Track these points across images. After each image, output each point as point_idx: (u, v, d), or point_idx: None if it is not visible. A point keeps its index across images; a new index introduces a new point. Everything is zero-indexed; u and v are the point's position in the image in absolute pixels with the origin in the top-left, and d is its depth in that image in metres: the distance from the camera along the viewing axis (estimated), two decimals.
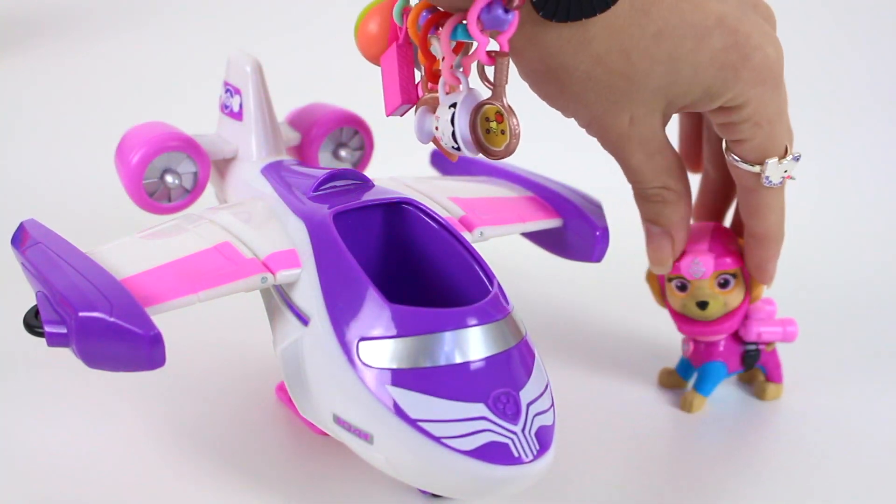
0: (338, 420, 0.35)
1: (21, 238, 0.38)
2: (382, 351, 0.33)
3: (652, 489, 0.41)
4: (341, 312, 0.35)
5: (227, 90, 0.49)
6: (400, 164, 0.54)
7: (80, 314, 0.33)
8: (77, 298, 0.33)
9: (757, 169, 0.39)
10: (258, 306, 0.42)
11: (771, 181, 0.40)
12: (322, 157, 0.52)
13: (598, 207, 0.47)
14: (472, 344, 0.34)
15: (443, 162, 0.54)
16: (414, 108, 0.37)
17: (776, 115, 0.39)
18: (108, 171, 0.50)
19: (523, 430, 0.33)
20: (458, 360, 0.33)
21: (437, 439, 0.32)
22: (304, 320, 0.36)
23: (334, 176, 0.42)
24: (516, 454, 0.32)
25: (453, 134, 0.35)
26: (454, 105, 0.35)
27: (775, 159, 0.39)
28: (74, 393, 0.46)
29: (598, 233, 0.45)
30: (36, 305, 0.35)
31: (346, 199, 0.40)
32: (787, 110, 0.39)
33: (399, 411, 0.33)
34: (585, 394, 0.48)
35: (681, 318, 0.44)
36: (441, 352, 0.33)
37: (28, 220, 0.39)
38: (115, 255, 0.38)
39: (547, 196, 0.48)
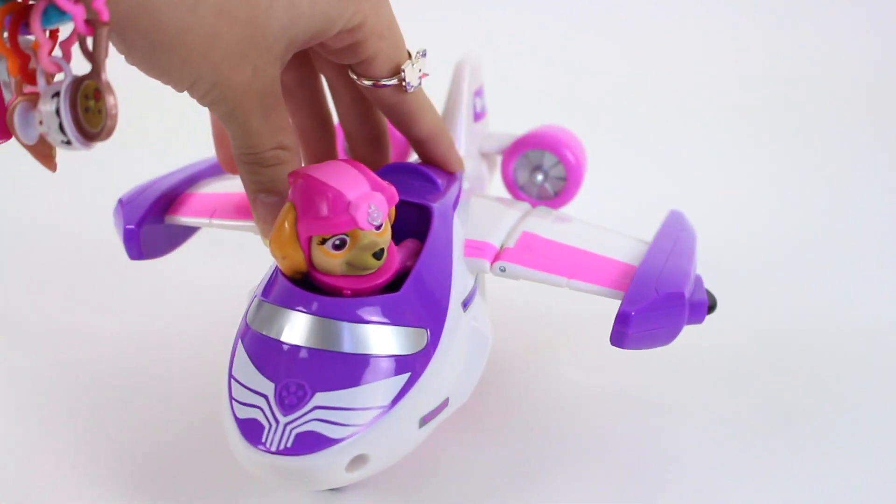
0: None
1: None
2: (252, 309, 0.36)
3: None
4: (273, 276, 0.37)
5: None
6: None
7: (121, 198, 0.46)
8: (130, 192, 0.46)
9: (395, 80, 0.39)
10: None
11: (412, 85, 0.40)
12: (520, 175, 0.50)
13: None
14: (304, 330, 0.34)
15: None
16: (9, 112, 0.33)
17: (391, 20, 0.39)
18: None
19: (288, 424, 0.33)
20: (284, 338, 0.34)
21: (231, 398, 0.34)
22: None
23: (394, 168, 0.43)
24: (263, 439, 0.33)
25: (60, 126, 0.30)
26: (57, 95, 0.30)
27: (409, 62, 0.39)
28: (74, 392, 0.46)
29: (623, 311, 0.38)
30: None
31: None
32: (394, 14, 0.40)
33: (230, 365, 0.35)
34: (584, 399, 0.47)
35: (345, 281, 0.35)
36: (276, 324, 0.35)
37: None
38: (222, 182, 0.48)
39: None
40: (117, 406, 0.45)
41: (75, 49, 0.31)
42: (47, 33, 0.30)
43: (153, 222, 0.45)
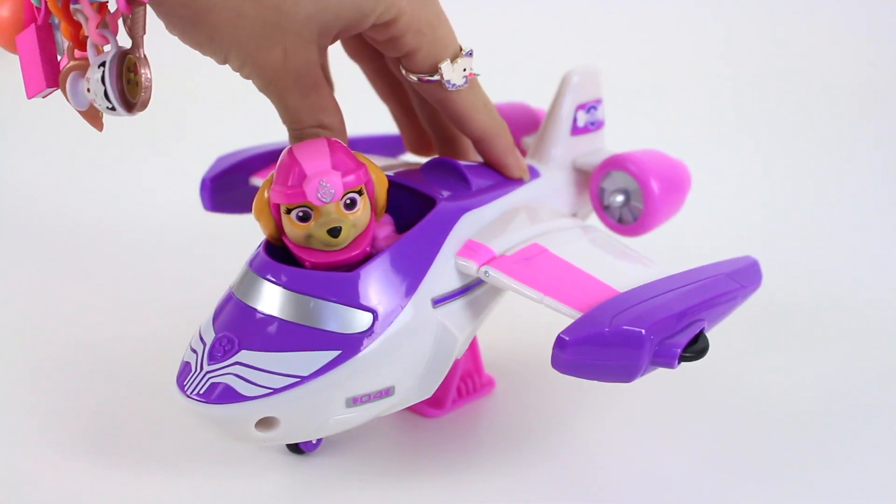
0: None
1: None
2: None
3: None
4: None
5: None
6: None
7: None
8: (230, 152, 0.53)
9: (436, 77, 0.40)
10: None
11: (454, 84, 0.40)
12: (606, 195, 0.49)
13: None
14: (255, 293, 0.37)
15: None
16: (62, 76, 0.36)
17: (434, 17, 0.39)
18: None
19: (209, 372, 0.35)
20: (239, 296, 0.37)
21: (189, 343, 0.37)
22: None
23: (436, 163, 0.44)
24: (185, 383, 0.36)
25: (105, 93, 0.34)
26: (104, 64, 0.33)
27: (448, 61, 0.39)
28: (78, 392, 0.48)
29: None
30: None
31: (424, 180, 0.42)
32: (443, 12, 0.40)
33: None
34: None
35: (307, 252, 0.37)
36: (241, 285, 0.37)
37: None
38: None
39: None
40: (118, 396, 0.47)
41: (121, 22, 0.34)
42: (96, 7, 0.34)
43: (230, 180, 0.50)
